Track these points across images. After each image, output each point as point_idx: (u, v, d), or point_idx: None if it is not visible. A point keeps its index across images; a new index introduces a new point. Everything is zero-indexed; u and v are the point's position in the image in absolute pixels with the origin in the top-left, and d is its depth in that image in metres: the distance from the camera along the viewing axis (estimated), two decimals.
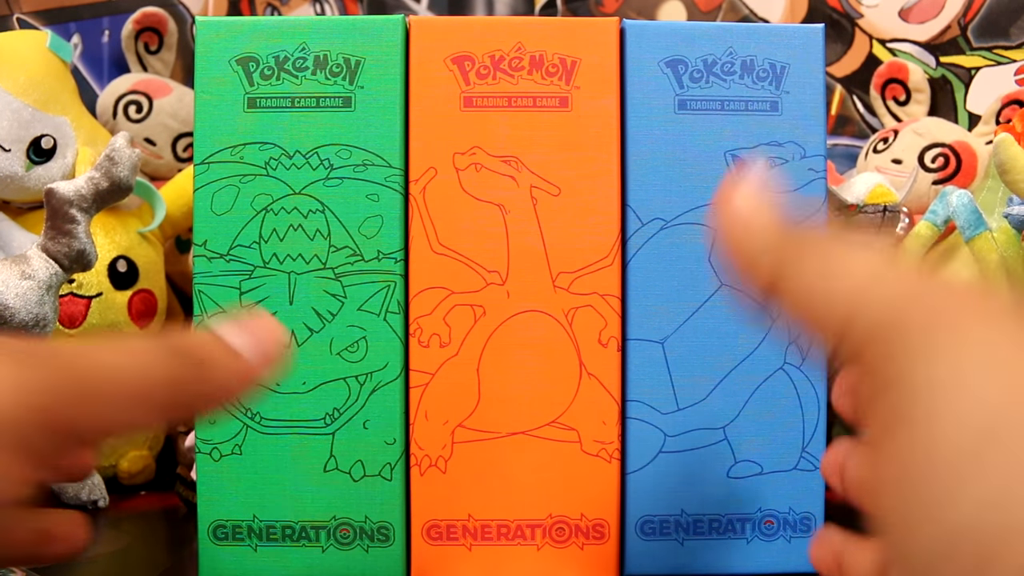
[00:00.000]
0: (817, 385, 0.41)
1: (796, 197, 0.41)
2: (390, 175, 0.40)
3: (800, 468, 0.41)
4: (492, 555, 0.41)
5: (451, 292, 0.40)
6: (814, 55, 0.41)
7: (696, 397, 0.41)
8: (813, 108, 0.41)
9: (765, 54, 0.41)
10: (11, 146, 0.58)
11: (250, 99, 0.40)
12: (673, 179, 0.41)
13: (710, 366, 0.41)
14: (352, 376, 0.40)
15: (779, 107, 0.41)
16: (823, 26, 0.42)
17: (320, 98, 0.40)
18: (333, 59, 0.40)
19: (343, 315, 0.40)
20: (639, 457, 0.41)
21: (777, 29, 0.42)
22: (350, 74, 0.40)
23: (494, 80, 0.40)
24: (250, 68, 0.40)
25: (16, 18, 0.70)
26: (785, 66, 0.41)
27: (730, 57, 0.41)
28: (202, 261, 0.41)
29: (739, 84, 0.41)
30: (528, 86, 0.40)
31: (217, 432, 0.40)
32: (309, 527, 0.40)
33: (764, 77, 0.41)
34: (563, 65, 0.40)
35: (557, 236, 0.40)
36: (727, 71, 0.41)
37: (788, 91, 0.41)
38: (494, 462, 0.40)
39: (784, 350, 0.41)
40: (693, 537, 0.41)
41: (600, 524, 0.41)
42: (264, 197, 0.40)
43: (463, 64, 0.40)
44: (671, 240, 0.41)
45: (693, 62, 0.41)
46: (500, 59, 0.40)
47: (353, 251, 0.40)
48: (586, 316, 0.40)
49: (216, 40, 0.41)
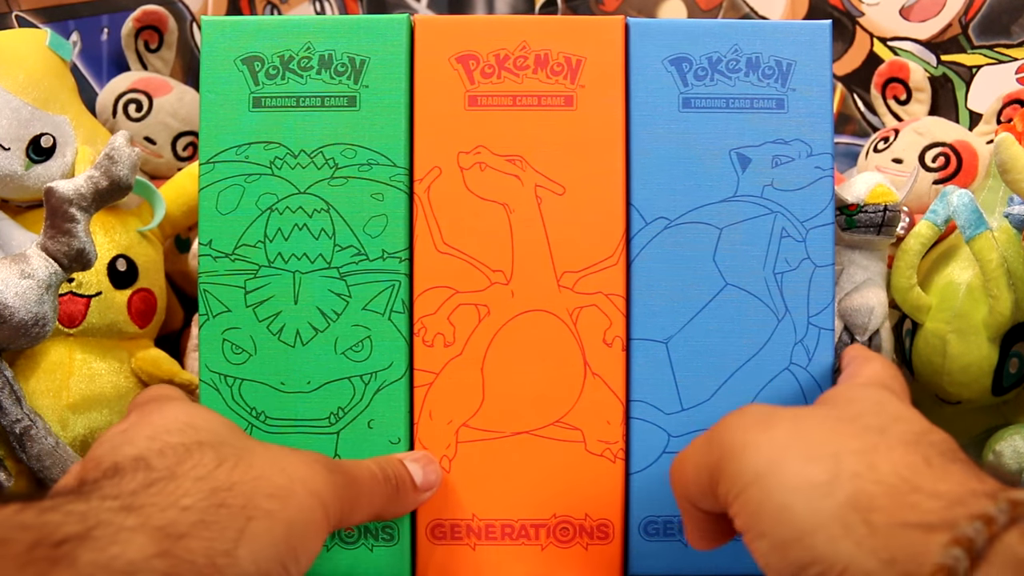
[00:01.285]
0: (824, 386, 0.42)
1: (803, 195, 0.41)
2: (395, 174, 0.41)
3: None
4: (496, 555, 0.42)
5: (455, 291, 0.41)
6: (821, 52, 0.42)
7: (700, 397, 0.41)
8: (820, 105, 0.42)
9: (771, 51, 0.42)
10: (10, 145, 0.58)
11: (255, 98, 0.41)
12: (678, 178, 0.41)
13: (714, 366, 0.41)
14: (357, 375, 0.41)
15: (785, 105, 0.42)
16: (830, 23, 0.42)
17: (325, 97, 0.41)
18: (338, 58, 0.41)
19: (348, 314, 0.41)
20: (643, 457, 0.41)
21: (783, 26, 0.42)
22: (355, 73, 0.41)
23: (499, 79, 0.41)
24: (255, 67, 0.41)
25: (15, 16, 0.71)
26: (791, 63, 0.42)
27: (735, 54, 0.42)
28: (207, 260, 0.42)
29: (744, 82, 0.42)
30: (533, 85, 0.41)
31: None
32: None
33: (770, 74, 0.41)
34: (568, 64, 0.41)
35: (561, 235, 0.41)
36: (732, 68, 0.41)
37: (794, 88, 0.42)
38: (498, 462, 0.41)
39: (790, 351, 0.41)
40: None
41: (604, 524, 0.41)
42: (269, 196, 0.41)
43: (468, 63, 0.41)
44: (675, 239, 0.41)
45: (698, 60, 0.41)
46: (505, 58, 0.41)
47: (358, 250, 0.41)
48: (590, 316, 0.41)
49: (221, 40, 0.42)
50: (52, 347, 0.59)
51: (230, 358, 0.41)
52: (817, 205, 0.41)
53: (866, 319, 0.58)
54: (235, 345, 0.41)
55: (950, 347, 0.57)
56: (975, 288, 0.57)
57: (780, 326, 0.41)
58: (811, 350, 0.41)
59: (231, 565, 0.27)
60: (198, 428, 0.32)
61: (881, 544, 0.24)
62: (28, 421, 0.55)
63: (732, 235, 0.41)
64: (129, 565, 0.24)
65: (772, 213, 0.41)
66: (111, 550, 0.24)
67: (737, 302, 0.41)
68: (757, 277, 0.41)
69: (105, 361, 0.61)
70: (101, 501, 0.26)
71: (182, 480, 0.28)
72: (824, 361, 0.42)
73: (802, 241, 0.41)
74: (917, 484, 0.26)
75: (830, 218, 0.42)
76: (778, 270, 0.41)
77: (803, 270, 0.41)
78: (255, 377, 0.41)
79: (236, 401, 0.41)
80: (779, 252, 0.41)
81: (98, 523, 0.25)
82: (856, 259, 0.60)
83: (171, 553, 0.25)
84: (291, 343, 0.41)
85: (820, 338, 0.41)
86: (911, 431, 0.29)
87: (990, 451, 0.52)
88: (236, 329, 0.41)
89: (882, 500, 0.25)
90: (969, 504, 0.24)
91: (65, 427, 0.58)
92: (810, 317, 0.41)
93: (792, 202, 0.41)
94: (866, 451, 0.28)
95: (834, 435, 0.29)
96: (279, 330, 0.41)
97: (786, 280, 0.41)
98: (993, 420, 0.59)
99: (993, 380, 0.56)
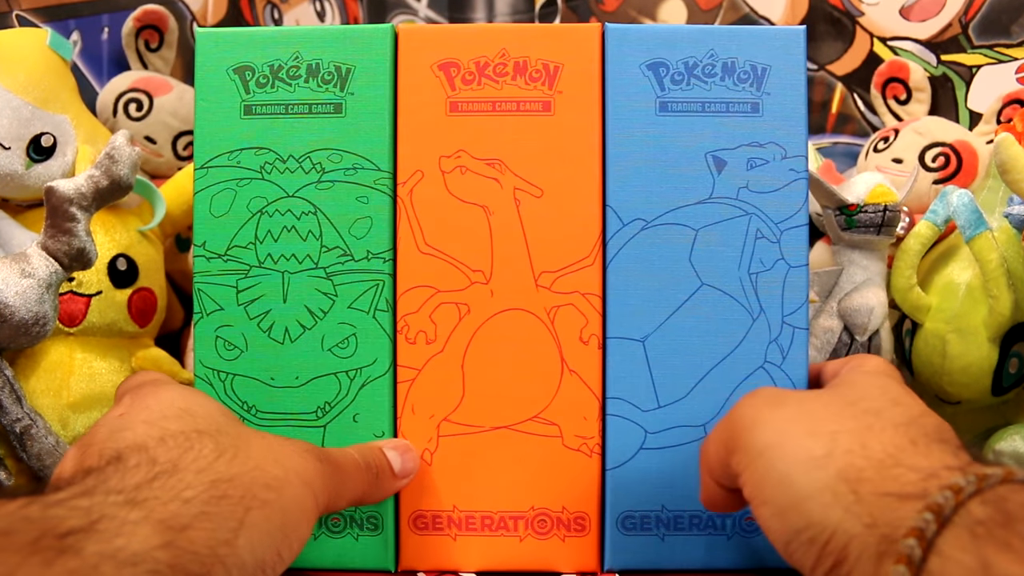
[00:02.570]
0: (798, 384, 0.45)
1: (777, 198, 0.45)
2: (379, 178, 0.45)
3: None
4: (476, 545, 0.45)
5: (437, 291, 0.45)
6: (795, 56, 0.45)
7: (677, 395, 0.45)
8: (794, 109, 0.45)
9: (746, 56, 0.45)
10: (11, 144, 0.61)
11: (246, 106, 0.45)
12: (654, 180, 0.45)
13: (690, 364, 0.45)
14: (343, 371, 0.45)
15: (760, 108, 0.45)
16: (804, 28, 0.45)
17: (312, 104, 0.45)
18: (325, 67, 0.45)
19: (334, 313, 0.45)
20: (620, 453, 0.45)
21: (759, 31, 0.45)
22: (341, 81, 0.45)
23: (479, 85, 0.45)
24: (246, 76, 0.45)
25: (15, 15, 0.74)
26: (767, 68, 0.45)
27: (711, 59, 0.45)
28: (201, 261, 0.45)
29: (720, 86, 0.45)
30: (512, 91, 0.45)
31: None
32: None
33: (745, 79, 0.45)
34: (546, 70, 0.45)
35: (540, 236, 0.44)
36: (708, 73, 0.45)
37: (769, 92, 0.45)
38: (478, 455, 0.45)
39: (764, 349, 0.45)
40: (674, 532, 0.45)
41: (581, 517, 0.45)
42: (259, 200, 0.45)
43: (449, 70, 0.45)
44: (652, 240, 0.45)
45: (674, 64, 0.45)
46: (485, 65, 0.45)
47: (344, 251, 0.45)
48: (568, 314, 0.45)
49: (215, 50, 0.45)
50: (52, 346, 0.62)
51: (223, 354, 0.45)
52: (791, 207, 0.44)
53: (866, 319, 0.60)
54: (227, 342, 0.45)
55: (950, 347, 0.60)
56: (975, 288, 0.59)
57: (755, 325, 0.44)
58: (785, 349, 0.44)
59: (231, 555, 0.29)
60: (195, 415, 0.36)
61: (865, 511, 0.29)
62: (28, 420, 0.58)
63: (708, 236, 0.44)
64: (134, 556, 0.27)
65: (747, 215, 0.44)
66: (116, 541, 0.27)
67: (713, 302, 0.44)
68: (732, 277, 0.44)
69: (105, 360, 0.64)
70: (105, 496, 0.29)
71: (184, 473, 0.31)
72: (798, 359, 0.45)
73: (776, 242, 0.44)
74: (900, 460, 0.30)
75: (804, 219, 0.45)
76: (753, 270, 0.44)
77: (777, 270, 0.44)
78: (246, 372, 0.45)
79: (228, 395, 0.45)
80: (754, 253, 0.44)
81: (102, 516, 0.27)
82: (856, 259, 0.62)
83: (174, 544, 0.28)
84: (280, 340, 0.45)
85: (794, 337, 0.44)
86: (906, 414, 0.34)
87: (990, 451, 0.54)
88: (228, 327, 0.45)
89: (869, 473, 0.30)
90: (942, 476, 0.29)
91: (65, 426, 0.61)
92: (784, 316, 0.44)
93: (767, 204, 0.44)
94: (860, 431, 0.32)
95: (835, 415, 0.34)
96: (269, 327, 0.45)
97: (761, 280, 0.44)
98: (993, 420, 0.60)
99: (993, 380, 0.58)
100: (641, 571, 0.45)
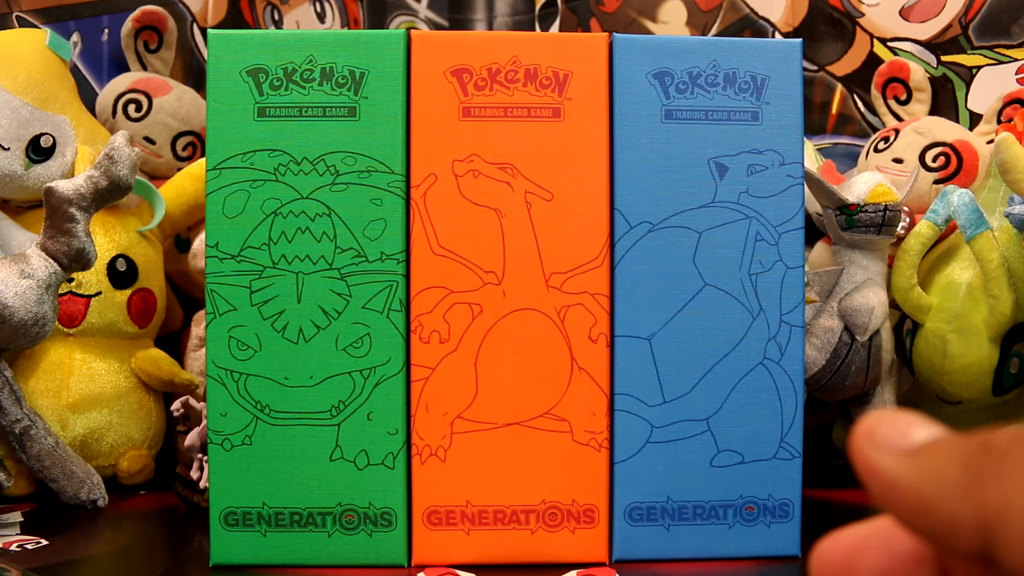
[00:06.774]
0: (795, 379, 0.48)
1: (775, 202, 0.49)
2: (393, 181, 0.47)
3: (779, 457, 0.48)
4: (489, 539, 0.48)
5: (450, 291, 0.47)
6: (793, 68, 0.48)
7: (681, 390, 0.48)
8: (791, 118, 0.48)
9: (747, 67, 0.48)
10: (10, 144, 0.63)
11: (260, 108, 0.47)
12: (660, 185, 0.48)
13: (694, 361, 0.48)
14: (357, 370, 0.47)
15: (759, 117, 0.48)
16: (800, 41, 0.49)
17: (326, 108, 0.47)
18: (339, 71, 0.47)
19: (348, 313, 0.47)
20: (627, 447, 0.48)
21: (758, 43, 0.49)
22: (355, 85, 0.47)
23: (491, 91, 0.47)
24: (260, 79, 0.47)
25: (15, 16, 0.75)
26: (765, 78, 0.48)
27: (714, 69, 0.48)
28: (214, 262, 0.47)
29: (722, 95, 0.48)
30: (523, 97, 0.47)
31: (228, 424, 0.47)
32: (316, 513, 0.47)
33: (745, 88, 0.48)
34: (556, 78, 0.48)
35: (550, 239, 0.47)
36: (711, 83, 0.48)
37: (768, 102, 0.48)
38: (491, 451, 0.47)
39: (763, 346, 0.48)
40: (678, 523, 0.48)
41: (590, 509, 0.48)
42: (273, 201, 0.47)
43: (462, 76, 0.48)
44: (658, 242, 0.48)
45: (679, 74, 0.48)
46: (497, 71, 0.47)
47: (358, 252, 0.47)
48: (577, 314, 0.47)
49: (227, 52, 0.47)
50: (52, 347, 0.65)
51: (236, 354, 0.47)
52: (789, 211, 0.48)
53: (866, 319, 0.63)
54: (241, 342, 0.47)
55: (950, 347, 0.63)
56: (975, 288, 0.62)
57: (755, 324, 0.48)
58: (783, 346, 0.48)
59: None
60: None
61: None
62: (28, 421, 0.60)
63: (710, 239, 0.48)
64: None
65: (747, 218, 0.48)
66: None
67: (715, 301, 0.48)
68: (733, 278, 0.48)
69: (105, 361, 0.66)
70: None
71: None
72: (795, 356, 0.48)
73: (775, 244, 0.48)
74: None
75: (801, 223, 0.48)
76: (753, 271, 0.48)
77: (776, 271, 0.48)
78: (260, 372, 0.47)
79: (242, 395, 0.47)
80: (754, 255, 0.48)
81: None
82: (856, 259, 0.64)
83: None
84: (294, 340, 0.47)
85: (791, 335, 0.48)
86: None
87: None
88: (242, 327, 0.47)
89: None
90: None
91: (65, 427, 0.63)
92: (782, 315, 0.48)
93: (766, 208, 0.48)
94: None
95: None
96: (283, 328, 0.47)
97: (760, 281, 0.48)
98: (993, 420, 0.63)
99: (993, 380, 0.61)
100: (648, 561, 0.48)
